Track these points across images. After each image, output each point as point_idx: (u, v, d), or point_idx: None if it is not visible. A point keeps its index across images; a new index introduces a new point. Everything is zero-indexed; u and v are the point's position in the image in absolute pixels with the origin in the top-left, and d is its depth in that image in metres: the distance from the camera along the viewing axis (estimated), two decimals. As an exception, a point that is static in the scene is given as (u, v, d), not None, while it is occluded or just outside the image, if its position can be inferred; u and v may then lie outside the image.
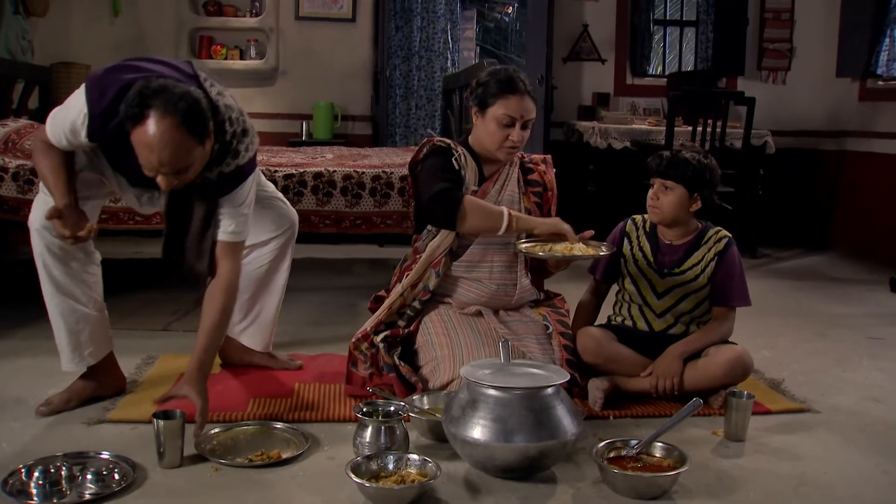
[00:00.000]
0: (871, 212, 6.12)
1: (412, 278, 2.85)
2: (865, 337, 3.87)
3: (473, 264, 2.87)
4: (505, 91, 2.78)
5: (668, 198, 2.84)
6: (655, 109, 6.64)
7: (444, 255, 2.82)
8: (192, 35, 6.49)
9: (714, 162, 2.88)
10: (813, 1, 6.71)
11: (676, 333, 2.88)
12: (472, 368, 2.25)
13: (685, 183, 2.82)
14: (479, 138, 2.87)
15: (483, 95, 2.82)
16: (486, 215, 2.69)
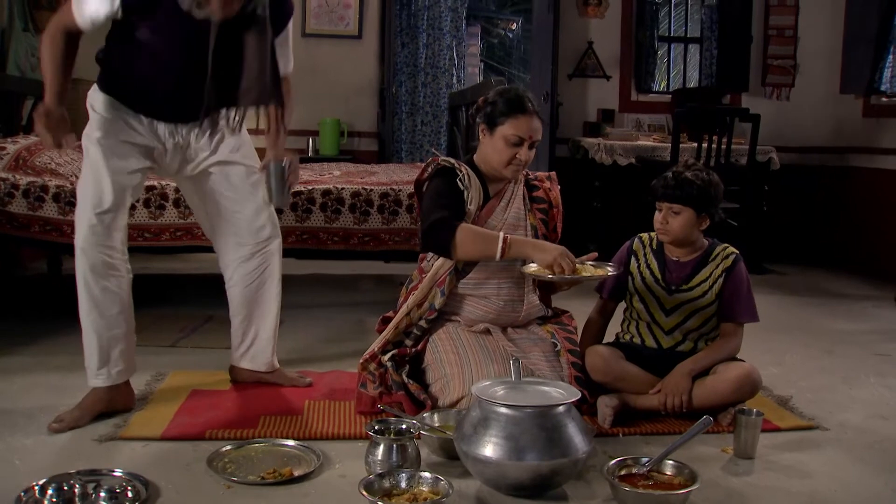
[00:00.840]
0: (875, 228, 6.14)
1: (418, 297, 2.87)
2: (872, 353, 3.88)
3: (481, 282, 2.88)
4: (515, 111, 2.81)
5: (678, 221, 2.85)
6: (660, 126, 6.67)
7: (448, 274, 2.84)
8: (200, 52, 6.51)
9: (716, 176, 2.90)
10: (816, 18, 6.75)
11: (685, 351, 2.89)
12: (484, 387, 2.26)
13: (692, 204, 2.84)
14: (486, 156, 2.89)
15: (492, 114, 2.84)
16: (481, 243, 2.70)
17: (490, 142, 2.86)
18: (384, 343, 2.85)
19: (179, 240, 3.85)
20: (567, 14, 6.55)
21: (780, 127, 6.65)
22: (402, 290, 3.04)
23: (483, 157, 2.91)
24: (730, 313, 2.88)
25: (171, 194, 3.83)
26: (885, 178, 6.07)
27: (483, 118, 2.88)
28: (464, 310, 2.91)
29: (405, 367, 2.79)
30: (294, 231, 3.87)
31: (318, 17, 6.54)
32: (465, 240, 2.67)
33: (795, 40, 6.79)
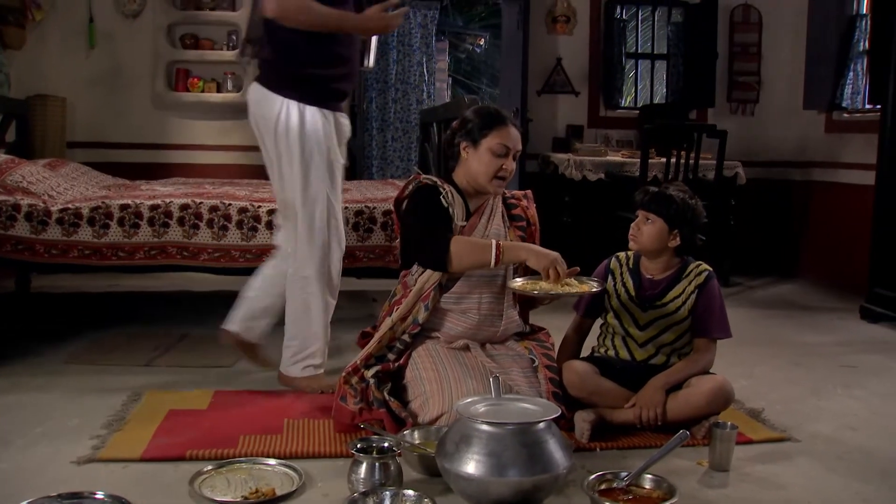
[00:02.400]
0: (838, 240, 6.25)
1: (402, 312, 2.89)
2: (838, 365, 3.96)
3: (462, 296, 2.92)
4: (497, 123, 2.90)
5: (648, 229, 2.93)
6: (628, 141, 6.75)
7: (432, 289, 2.87)
8: (169, 68, 6.51)
9: (700, 206, 2.98)
10: (779, 35, 6.88)
11: (658, 364, 2.94)
12: (465, 404, 2.29)
13: (666, 218, 2.91)
14: (471, 172, 2.93)
15: (474, 129, 2.91)
16: (475, 252, 2.75)
17: (476, 156, 2.91)
18: (367, 357, 2.87)
19: (153, 258, 3.84)
20: (536, 31, 6.62)
21: (746, 142, 6.76)
22: (385, 304, 3.06)
23: (467, 174, 2.95)
24: (703, 329, 2.94)
25: (146, 213, 3.83)
26: (847, 192, 6.18)
27: (464, 136, 2.93)
28: (444, 325, 2.94)
29: (387, 383, 2.81)
30: (269, 249, 3.85)
31: (289, 33, 6.53)
32: (460, 251, 2.73)
33: (759, 57, 6.91)
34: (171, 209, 3.85)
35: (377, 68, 7.00)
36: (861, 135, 6.02)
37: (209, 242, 3.86)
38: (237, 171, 6.44)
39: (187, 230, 3.84)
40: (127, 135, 6.47)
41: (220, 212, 3.88)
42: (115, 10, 6.37)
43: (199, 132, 6.60)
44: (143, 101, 6.48)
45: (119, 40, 6.41)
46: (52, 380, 3.38)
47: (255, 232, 3.88)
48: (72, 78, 6.32)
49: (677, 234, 2.94)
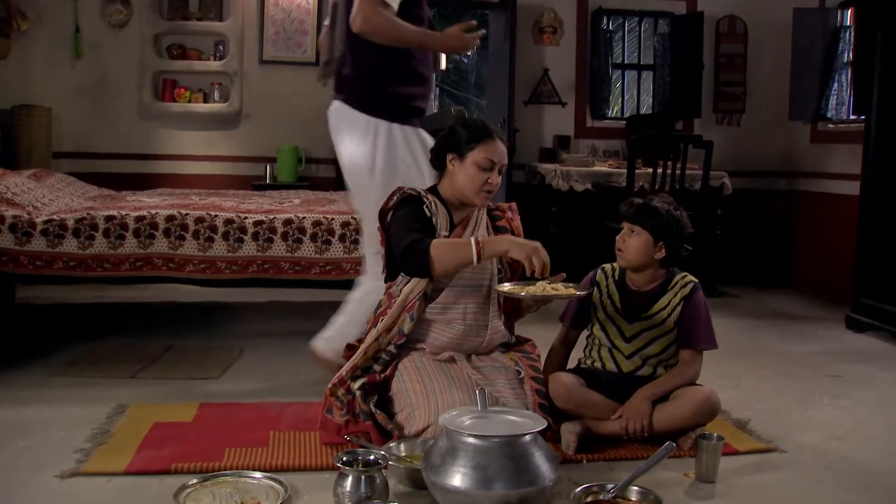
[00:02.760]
0: (824, 250, 6.30)
1: (387, 323, 2.88)
2: (825, 375, 3.98)
3: (448, 306, 2.91)
4: (483, 137, 2.90)
5: (633, 242, 2.94)
6: (615, 151, 6.77)
7: (417, 299, 2.87)
8: (156, 78, 6.50)
9: (685, 217, 2.99)
10: (765, 46, 6.93)
11: (644, 375, 2.95)
12: (451, 417, 2.28)
13: (651, 230, 2.92)
14: (457, 184, 2.94)
15: (461, 142, 2.91)
16: (456, 251, 2.73)
17: (461, 169, 2.91)
18: (353, 368, 2.86)
19: (139, 270, 3.82)
20: (523, 42, 6.65)
21: (732, 152, 6.81)
22: (370, 315, 3.05)
23: (453, 186, 2.96)
24: (689, 341, 2.95)
25: (132, 224, 3.82)
26: (832, 203, 6.23)
27: (451, 148, 2.93)
28: (429, 336, 2.93)
29: (373, 396, 2.81)
30: (255, 261, 3.88)
31: (276, 44, 6.55)
32: (440, 253, 2.71)
33: (745, 68, 6.96)
34: (157, 220, 3.83)
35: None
36: (846, 145, 6.07)
37: (195, 254, 3.85)
38: (224, 182, 6.45)
39: (173, 241, 3.83)
40: (113, 145, 6.46)
41: (206, 223, 3.87)
42: (102, 20, 6.36)
43: (186, 142, 6.59)
44: (130, 112, 6.47)
45: (105, 50, 6.40)
46: (35, 393, 3.36)
47: (241, 243, 3.87)
48: (58, 88, 6.30)
49: (663, 246, 2.95)
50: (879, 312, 4.82)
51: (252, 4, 6.53)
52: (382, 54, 3.13)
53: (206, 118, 6.55)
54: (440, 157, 2.99)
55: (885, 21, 4.90)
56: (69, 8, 6.28)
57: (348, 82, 3.25)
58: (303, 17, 6.55)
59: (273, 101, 6.60)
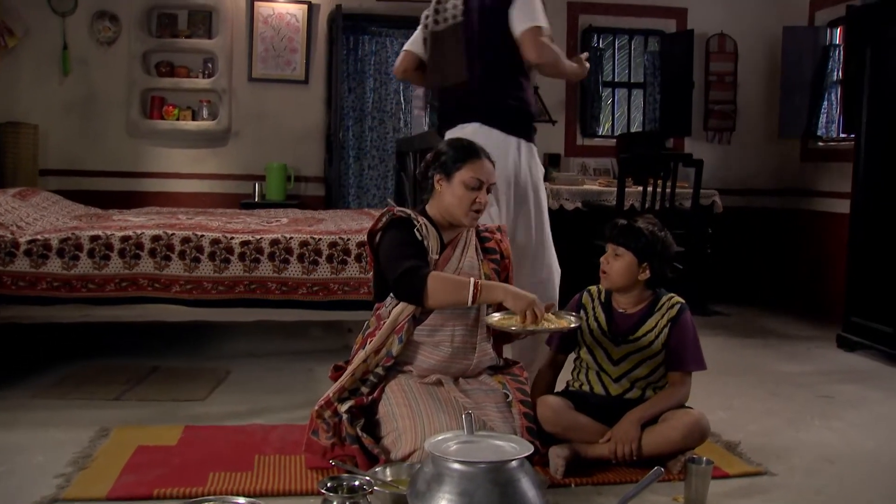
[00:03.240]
0: (815, 269, 6.31)
1: (375, 344, 2.87)
2: (816, 395, 3.97)
3: (436, 328, 2.90)
4: (470, 156, 2.91)
5: (617, 263, 2.94)
6: (605, 170, 6.78)
7: (406, 321, 2.86)
8: (144, 95, 6.50)
9: (669, 238, 2.98)
10: (755, 65, 6.96)
11: (633, 398, 2.93)
12: (436, 442, 2.26)
13: (634, 251, 2.92)
14: (445, 204, 2.93)
15: (448, 162, 2.92)
16: (453, 290, 2.73)
17: (449, 189, 2.91)
18: (340, 390, 2.84)
19: (124, 290, 3.79)
20: (513, 60, 6.64)
21: (723, 170, 6.83)
22: (358, 336, 3.04)
23: (441, 206, 2.95)
24: (677, 362, 2.94)
25: (117, 244, 3.79)
26: (823, 221, 6.25)
27: (438, 168, 2.93)
28: (417, 358, 2.91)
29: (360, 419, 2.79)
30: (242, 281, 3.86)
31: (265, 61, 6.56)
32: (437, 288, 2.70)
33: (735, 86, 6.98)
34: (143, 240, 3.81)
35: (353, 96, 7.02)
36: (836, 163, 6.10)
37: (181, 274, 3.83)
38: (212, 200, 6.45)
39: (159, 262, 3.81)
40: (101, 163, 6.45)
41: (192, 243, 3.85)
42: (90, 37, 6.37)
43: (174, 160, 6.58)
44: (118, 129, 6.47)
45: (93, 67, 6.40)
46: (17, 415, 3.32)
47: (227, 264, 3.85)
48: (45, 105, 6.30)
49: (647, 267, 2.94)
50: (871, 331, 4.83)
51: (241, 22, 6.54)
52: (517, 80, 3.53)
53: (194, 136, 6.54)
54: (427, 178, 2.98)
55: (874, 40, 4.93)
56: (57, 25, 6.28)
57: (489, 106, 3.52)
58: (292, 35, 6.55)
59: (262, 118, 6.60)
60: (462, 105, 3.54)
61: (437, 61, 3.66)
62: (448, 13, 3.61)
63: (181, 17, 6.58)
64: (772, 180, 6.92)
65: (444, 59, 3.62)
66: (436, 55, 3.66)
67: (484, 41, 3.50)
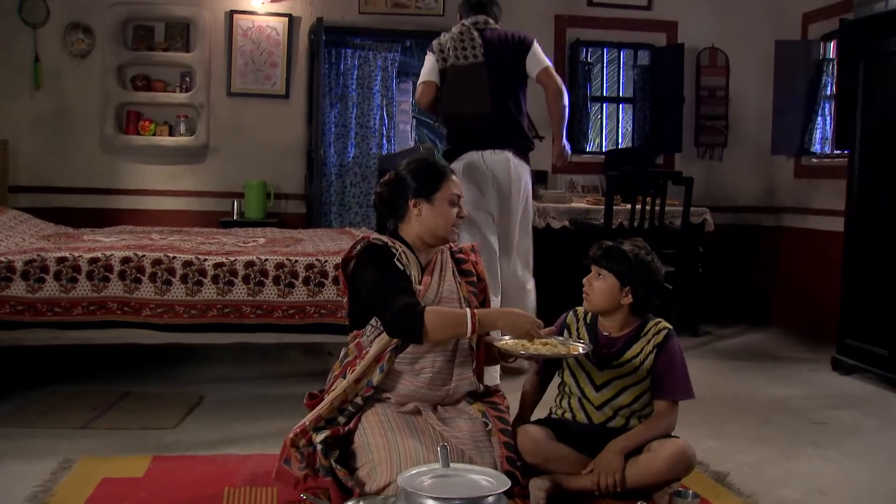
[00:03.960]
0: (809, 288, 6.29)
1: (357, 374, 2.83)
2: (809, 422, 3.95)
3: (417, 356, 2.86)
4: (444, 174, 2.97)
5: (599, 285, 2.92)
6: (594, 186, 6.76)
7: (389, 351, 2.82)
8: (119, 110, 6.46)
9: (657, 263, 2.96)
10: (747, 79, 6.96)
11: (616, 427, 2.90)
12: (410, 476, 2.22)
13: (617, 274, 2.90)
14: (428, 226, 2.93)
15: (426, 185, 2.93)
16: (451, 325, 2.73)
17: (432, 211, 2.92)
18: (317, 419, 2.80)
19: (93, 314, 3.75)
20: (499, 74, 6.63)
21: (714, 187, 6.82)
22: (335, 363, 3.00)
23: (422, 229, 2.94)
24: (663, 390, 2.90)
25: (85, 266, 3.75)
26: (817, 239, 6.24)
27: (415, 193, 2.92)
28: (395, 387, 2.88)
29: (335, 451, 2.74)
30: (215, 305, 3.82)
31: (244, 75, 6.53)
32: (435, 324, 2.69)
33: (727, 101, 6.98)
34: (112, 262, 3.77)
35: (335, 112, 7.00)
36: (830, 180, 6.09)
37: (152, 297, 3.79)
38: (190, 218, 6.40)
39: (129, 284, 3.77)
40: (74, 179, 6.40)
41: (163, 265, 3.81)
42: (63, 50, 6.33)
43: (151, 177, 6.53)
44: (92, 144, 6.43)
45: (66, 80, 6.35)
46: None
47: (200, 286, 3.81)
48: (15, 119, 6.25)
49: (629, 291, 2.91)
50: (866, 354, 4.81)
51: (220, 35, 6.52)
52: (526, 114, 4.72)
53: (171, 152, 6.50)
54: (395, 204, 2.96)
55: (867, 54, 4.94)
56: (28, 36, 6.24)
57: (517, 137, 4.58)
58: (272, 49, 6.53)
59: (241, 134, 6.56)
60: (492, 133, 4.45)
61: (459, 92, 4.44)
62: (469, 52, 4.43)
63: (158, 29, 6.54)
64: (764, 197, 6.91)
65: (467, 91, 4.42)
66: (457, 87, 4.43)
67: (507, 81, 4.48)
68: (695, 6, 6.92)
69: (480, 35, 4.47)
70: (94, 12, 6.34)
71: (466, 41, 4.45)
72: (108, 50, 6.37)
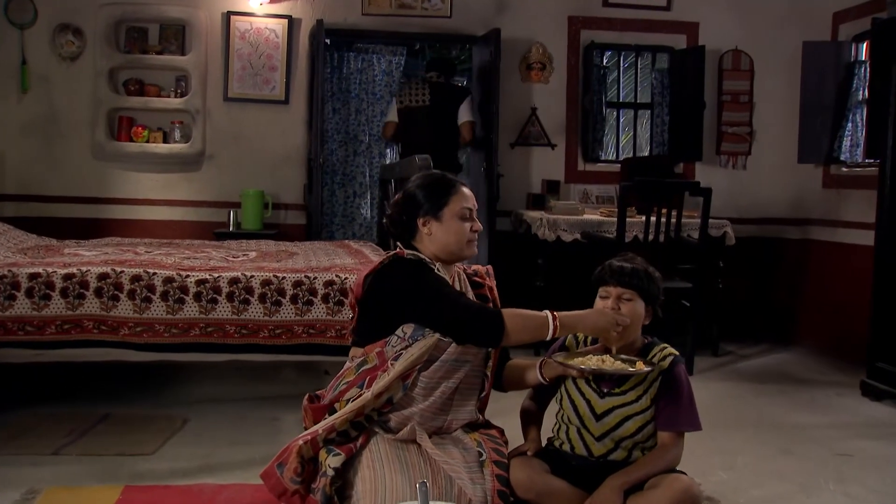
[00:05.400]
0: (837, 306, 6.16)
1: (380, 387, 2.75)
2: (833, 454, 3.82)
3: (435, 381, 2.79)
4: (451, 188, 2.90)
5: (633, 309, 2.81)
6: (609, 197, 6.67)
7: (417, 370, 2.77)
8: (111, 115, 6.43)
9: (658, 273, 2.88)
10: (773, 83, 6.86)
11: (617, 460, 2.80)
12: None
13: (645, 294, 2.82)
14: (442, 243, 2.88)
15: (432, 202, 2.88)
16: (533, 327, 2.72)
17: (442, 228, 2.87)
18: (331, 429, 2.72)
19: (67, 333, 3.71)
20: (509, 79, 6.57)
21: (737, 198, 6.73)
22: (348, 368, 2.90)
23: (437, 247, 2.89)
24: (668, 421, 2.80)
25: (59, 283, 3.70)
26: (847, 253, 6.12)
27: (424, 212, 2.88)
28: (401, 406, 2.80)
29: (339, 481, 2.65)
30: (197, 324, 3.76)
31: (242, 80, 6.48)
32: (516, 326, 2.69)
33: (751, 106, 6.88)
34: (88, 279, 3.72)
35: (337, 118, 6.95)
36: (861, 191, 5.99)
37: (130, 316, 3.74)
38: (184, 229, 6.37)
39: (106, 302, 3.72)
40: (64, 188, 6.38)
41: (142, 282, 3.75)
42: (51, 52, 6.31)
43: (144, 186, 6.51)
44: (83, 151, 6.41)
45: (55, 84, 6.34)
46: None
47: (181, 304, 3.76)
48: (1, 124, 6.25)
49: (651, 312, 2.84)
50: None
51: (216, 37, 6.48)
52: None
53: (165, 159, 6.46)
54: (405, 224, 2.91)
55: (902, 56, 4.82)
56: (15, 38, 6.24)
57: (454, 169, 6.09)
58: (271, 52, 6.48)
59: (238, 141, 6.53)
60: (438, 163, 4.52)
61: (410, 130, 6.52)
62: (418, 97, 6.54)
63: (152, 31, 6.52)
64: (790, 209, 6.80)
65: (417, 129, 6.49)
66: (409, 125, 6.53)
67: (447, 124, 6.48)
68: (717, 6, 6.83)
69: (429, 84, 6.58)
70: (84, 13, 6.33)
71: (415, 88, 6.65)
72: (100, 52, 6.34)
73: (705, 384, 4.95)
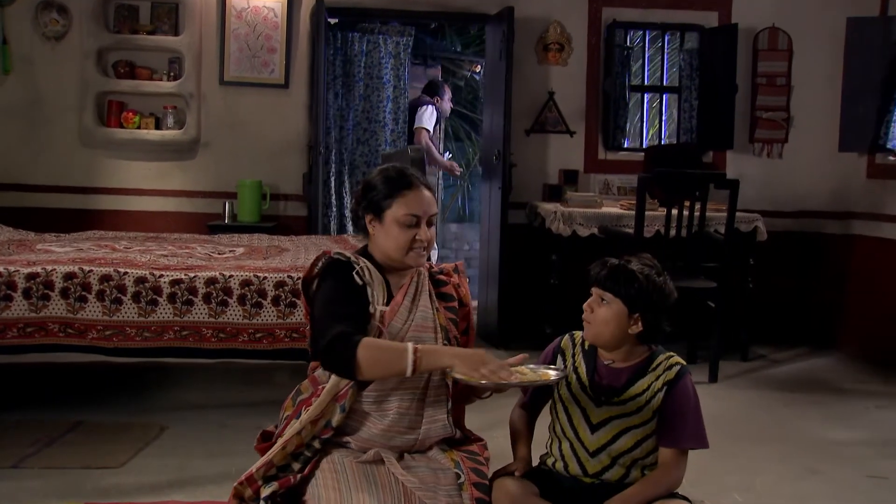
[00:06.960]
0: (881, 307, 6.07)
1: (313, 414, 2.69)
2: (865, 475, 3.71)
3: (383, 395, 2.71)
4: (399, 188, 2.73)
5: (603, 312, 2.72)
6: (633, 188, 6.52)
7: (350, 388, 2.67)
8: (100, 99, 6.43)
9: (670, 285, 2.76)
10: (812, 64, 6.75)
11: (612, 479, 2.71)
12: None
13: (625, 298, 2.70)
14: (382, 247, 2.79)
15: (376, 199, 2.75)
16: (388, 360, 2.56)
17: (382, 231, 2.76)
18: (268, 465, 2.66)
19: (30, 337, 3.70)
20: (525, 61, 6.49)
21: (772, 189, 6.63)
22: (287, 401, 2.86)
23: (378, 249, 2.81)
24: (671, 437, 2.70)
25: (21, 283, 3.68)
26: (892, 249, 6.02)
27: (367, 207, 2.77)
28: (358, 430, 2.73)
29: None
30: (171, 327, 3.73)
31: (239, 62, 6.45)
32: (370, 359, 2.53)
33: (789, 90, 6.75)
34: (53, 279, 3.70)
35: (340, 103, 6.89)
36: (908, 182, 5.87)
37: (99, 318, 3.73)
38: (176, 220, 6.36)
39: (72, 304, 3.70)
40: (49, 176, 6.39)
41: (112, 282, 3.74)
42: (34, 31, 6.31)
43: (134, 174, 6.50)
44: (69, 138, 6.40)
45: (39, 66, 6.34)
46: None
47: (154, 306, 3.73)
48: (-19, 108, 6.25)
49: (639, 319, 2.71)
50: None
51: (212, 17, 6.46)
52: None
53: (157, 147, 6.46)
54: (360, 220, 2.82)
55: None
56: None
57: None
58: (270, 32, 6.44)
59: (235, 128, 6.50)
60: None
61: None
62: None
63: (143, 9, 6.51)
64: (830, 201, 6.70)
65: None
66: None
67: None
68: (751, -20, 6.72)
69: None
70: (70, -11, 6.31)
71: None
72: (87, 32, 6.33)
73: (729, 392, 4.86)
